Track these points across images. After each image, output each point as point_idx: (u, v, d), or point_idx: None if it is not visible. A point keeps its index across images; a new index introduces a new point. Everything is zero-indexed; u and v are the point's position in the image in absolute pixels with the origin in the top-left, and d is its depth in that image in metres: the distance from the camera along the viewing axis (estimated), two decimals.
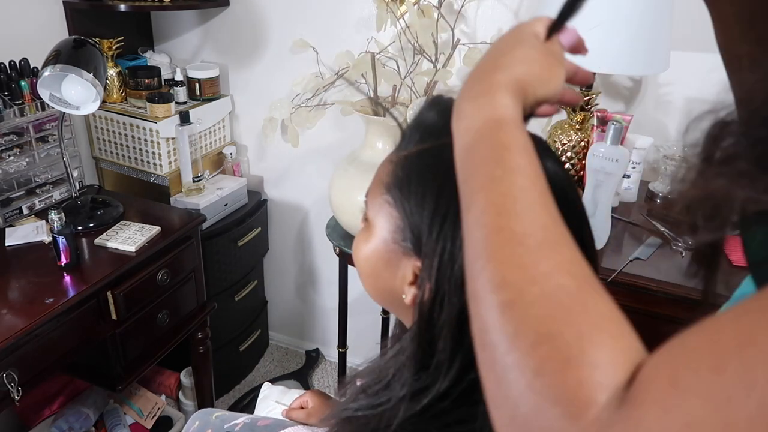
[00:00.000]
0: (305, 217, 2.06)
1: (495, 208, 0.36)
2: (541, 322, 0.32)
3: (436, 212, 0.48)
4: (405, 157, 0.52)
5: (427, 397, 0.48)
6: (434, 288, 0.48)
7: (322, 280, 2.16)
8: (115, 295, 1.29)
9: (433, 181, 0.49)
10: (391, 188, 0.52)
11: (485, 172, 0.38)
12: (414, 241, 0.50)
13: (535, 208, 0.36)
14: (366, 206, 0.56)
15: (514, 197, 0.36)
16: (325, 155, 1.87)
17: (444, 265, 0.47)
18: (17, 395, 1.10)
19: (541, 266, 0.34)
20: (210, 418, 0.92)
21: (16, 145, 1.43)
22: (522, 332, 0.32)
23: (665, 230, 1.30)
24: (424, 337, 0.49)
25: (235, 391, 2.08)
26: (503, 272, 0.34)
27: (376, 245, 0.54)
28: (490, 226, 0.36)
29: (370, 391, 0.53)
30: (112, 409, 1.75)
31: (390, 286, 0.54)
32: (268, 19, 1.77)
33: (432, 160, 0.50)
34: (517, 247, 0.35)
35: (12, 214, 1.44)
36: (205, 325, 1.66)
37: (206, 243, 1.69)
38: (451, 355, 0.47)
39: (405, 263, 0.51)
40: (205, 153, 1.86)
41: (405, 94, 1.43)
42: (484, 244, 0.36)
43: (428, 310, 0.48)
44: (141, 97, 1.71)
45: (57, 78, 1.28)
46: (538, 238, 0.35)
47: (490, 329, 0.34)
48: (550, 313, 0.32)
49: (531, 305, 0.32)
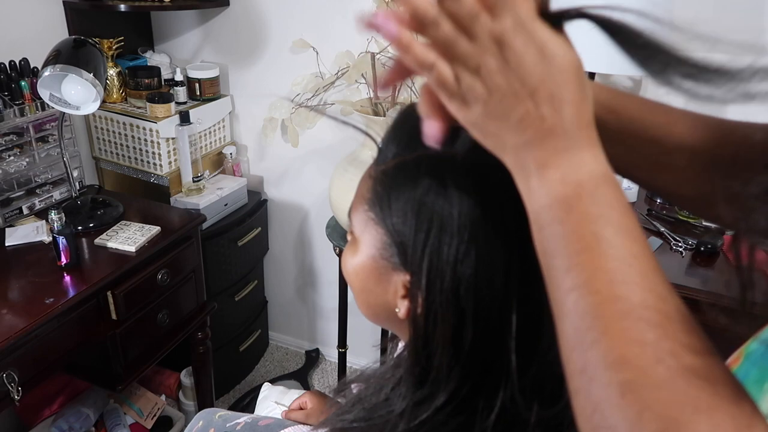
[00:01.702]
0: (305, 217, 2.06)
1: (606, 275, 0.33)
2: (669, 407, 0.29)
3: (418, 228, 0.46)
4: (383, 172, 0.51)
5: (426, 412, 0.47)
6: (425, 303, 0.47)
7: (322, 280, 2.16)
8: (115, 295, 1.29)
9: (411, 197, 0.47)
10: (373, 205, 0.51)
11: (583, 242, 0.34)
12: (401, 256, 0.49)
13: (649, 276, 0.33)
14: (350, 222, 0.55)
15: (629, 264, 0.33)
16: (325, 155, 1.87)
17: (432, 280, 0.46)
18: (17, 395, 1.10)
19: (665, 344, 0.31)
20: (213, 418, 0.93)
21: (16, 145, 1.43)
22: (647, 418, 0.29)
23: (665, 230, 1.30)
24: (421, 352, 0.48)
25: (235, 391, 2.08)
26: (621, 349, 0.31)
27: (365, 261, 0.53)
28: (603, 293, 0.33)
29: (366, 404, 0.52)
30: (112, 409, 1.75)
31: (382, 301, 0.53)
32: (268, 19, 1.77)
33: (409, 173, 0.48)
34: (636, 321, 0.31)
35: (12, 214, 1.44)
36: (205, 325, 1.66)
37: (206, 243, 1.69)
38: (448, 370, 0.47)
39: (395, 278, 0.51)
40: (205, 153, 1.86)
41: (405, 94, 1.44)
42: (596, 313, 0.33)
43: (422, 326, 0.48)
44: (141, 97, 1.71)
45: (57, 78, 1.28)
46: (657, 311, 0.32)
47: (605, 410, 0.31)
48: (678, 399, 0.29)
49: (657, 388, 0.30)
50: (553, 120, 0.35)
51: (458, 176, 0.46)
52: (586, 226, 0.34)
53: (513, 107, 0.35)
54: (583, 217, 0.35)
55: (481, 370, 0.48)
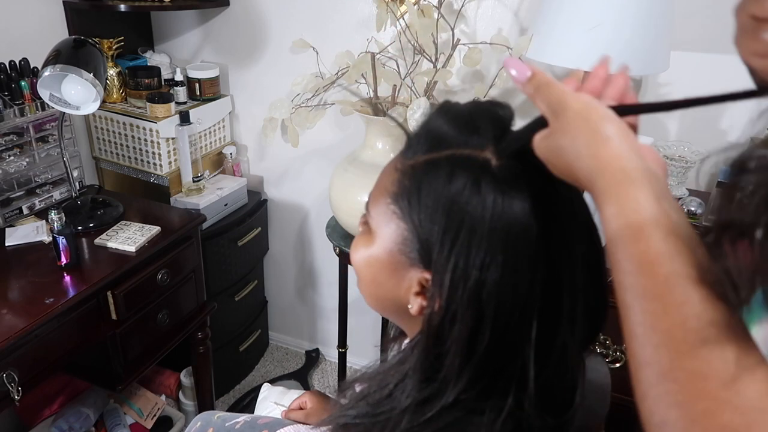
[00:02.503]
0: (305, 217, 2.06)
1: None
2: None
3: (448, 227, 0.46)
4: (412, 167, 0.50)
5: (432, 410, 0.47)
6: (445, 304, 0.46)
7: (322, 280, 2.16)
8: (115, 295, 1.29)
9: (443, 195, 0.46)
10: (398, 198, 0.50)
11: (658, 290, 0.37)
12: (422, 253, 0.49)
13: (721, 338, 0.35)
14: (368, 212, 0.54)
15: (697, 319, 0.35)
16: (325, 155, 1.87)
17: (456, 282, 0.46)
18: (17, 395, 1.10)
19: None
20: (212, 418, 0.93)
21: (16, 145, 1.43)
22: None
23: None
24: (432, 351, 0.48)
25: (235, 391, 2.08)
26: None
27: (379, 254, 0.52)
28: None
29: (370, 400, 0.52)
30: (112, 409, 1.75)
31: (393, 296, 0.53)
32: (268, 19, 1.77)
33: (442, 171, 0.47)
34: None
35: (12, 214, 1.44)
36: (205, 325, 1.66)
37: (206, 243, 1.69)
38: (459, 370, 0.47)
39: (411, 274, 0.50)
40: (205, 153, 1.86)
41: (405, 94, 1.43)
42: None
43: (437, 325, 0.47)
44: (141, 97, 1.71)
45: (57, 78, 1.28)
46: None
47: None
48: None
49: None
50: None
51: (493, 181, 0.45)
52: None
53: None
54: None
55: (492, 374, 0.48)
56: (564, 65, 1.15)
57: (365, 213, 0.55)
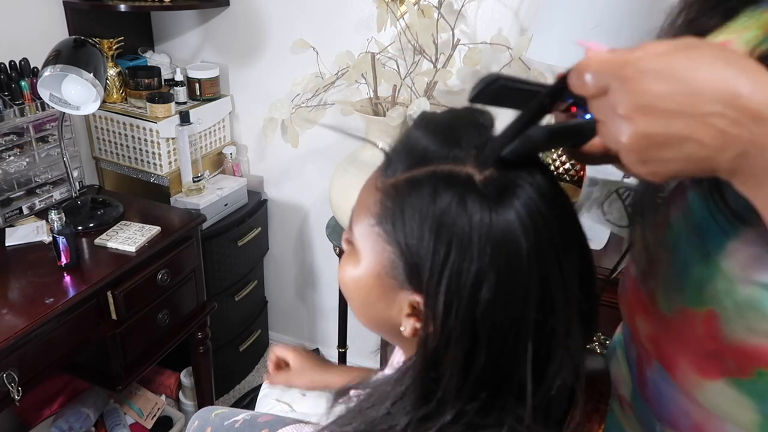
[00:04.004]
0: (305, 217, 2.06)
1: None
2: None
3: (436, 249, 0.44)
4: (393, 186, 0.47)
5: (433, 428, 0.47)
6: (440, 327, 0.45)
7: (322, 280, 2.16)
8: (115, 295, 1.29)
9: (429, 216, 0.44)
10: (381, 221, 0.48)
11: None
12: (411, 275, 0.47)
13: None
14: (351, 231, 0.52)
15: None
16: (325, 155, 1.87)
17: (449, 304, 0.44)
18: (17, 395, 1.11)
19: None
20: (209, 416, 0.92)
21: (17, 145, 1.43)
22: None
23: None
24: (428, 373, 0.47)
25: (235, 391, 2.08)
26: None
27: (367, 278, 0.50)
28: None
29: (368, 417, 0.51)
30: (112, 409, 1.75)
31: (385, 317, 0.51)
32: (268, 19, 1.77)
33: (425, 191, 0.45)
34: None
35: (12, 214, 1.44)
36: (205, 325, 1.66)
37: (206, 243, 1.69)
38: (456, 391, 0.46)
39: (401, 296, 0.49)
40: (205, 153, 1.86)
41: (405, 94, 1.43)
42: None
43: (433, 348, 0.46)
44: (141, 97, 1.71)
45: (57, 78, 1.28)
46: None
47: None
48: None
49: None
50: None
51: (479, 198, 0.44)
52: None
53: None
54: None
55: (490, 392, 0.47)
56: (564, 65, 1.15)
57: (348, 231, 0.53)
